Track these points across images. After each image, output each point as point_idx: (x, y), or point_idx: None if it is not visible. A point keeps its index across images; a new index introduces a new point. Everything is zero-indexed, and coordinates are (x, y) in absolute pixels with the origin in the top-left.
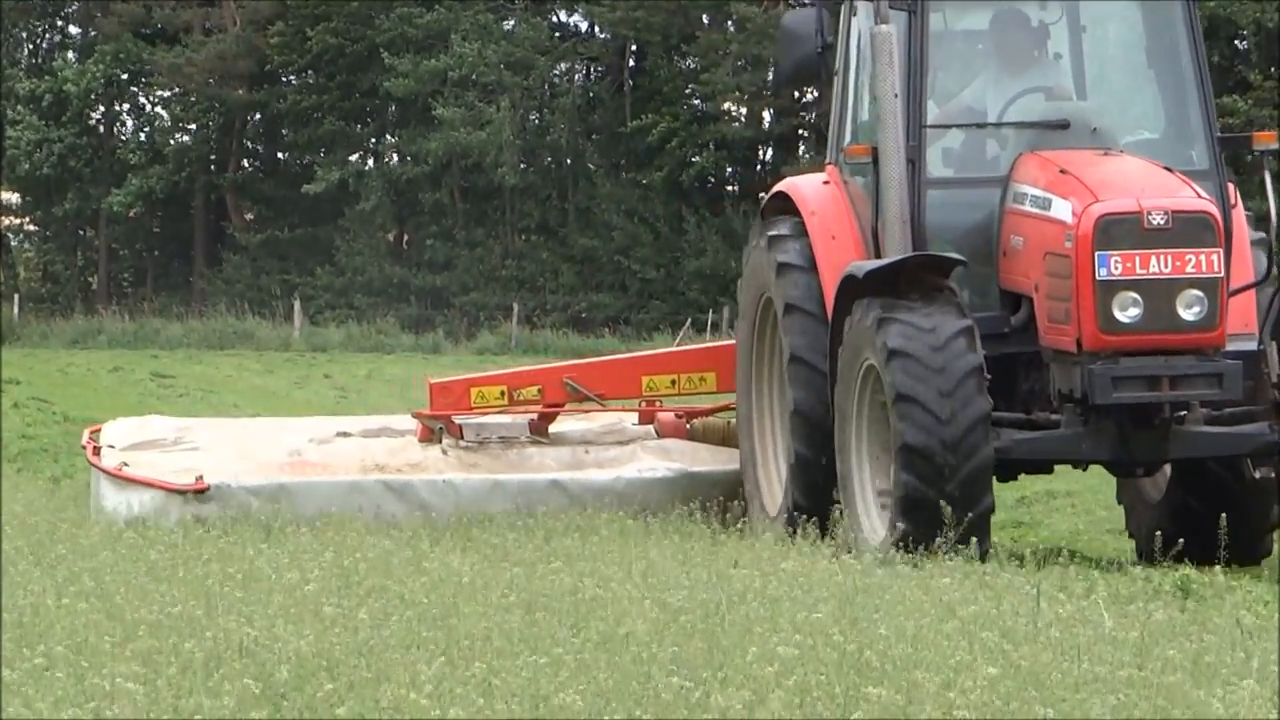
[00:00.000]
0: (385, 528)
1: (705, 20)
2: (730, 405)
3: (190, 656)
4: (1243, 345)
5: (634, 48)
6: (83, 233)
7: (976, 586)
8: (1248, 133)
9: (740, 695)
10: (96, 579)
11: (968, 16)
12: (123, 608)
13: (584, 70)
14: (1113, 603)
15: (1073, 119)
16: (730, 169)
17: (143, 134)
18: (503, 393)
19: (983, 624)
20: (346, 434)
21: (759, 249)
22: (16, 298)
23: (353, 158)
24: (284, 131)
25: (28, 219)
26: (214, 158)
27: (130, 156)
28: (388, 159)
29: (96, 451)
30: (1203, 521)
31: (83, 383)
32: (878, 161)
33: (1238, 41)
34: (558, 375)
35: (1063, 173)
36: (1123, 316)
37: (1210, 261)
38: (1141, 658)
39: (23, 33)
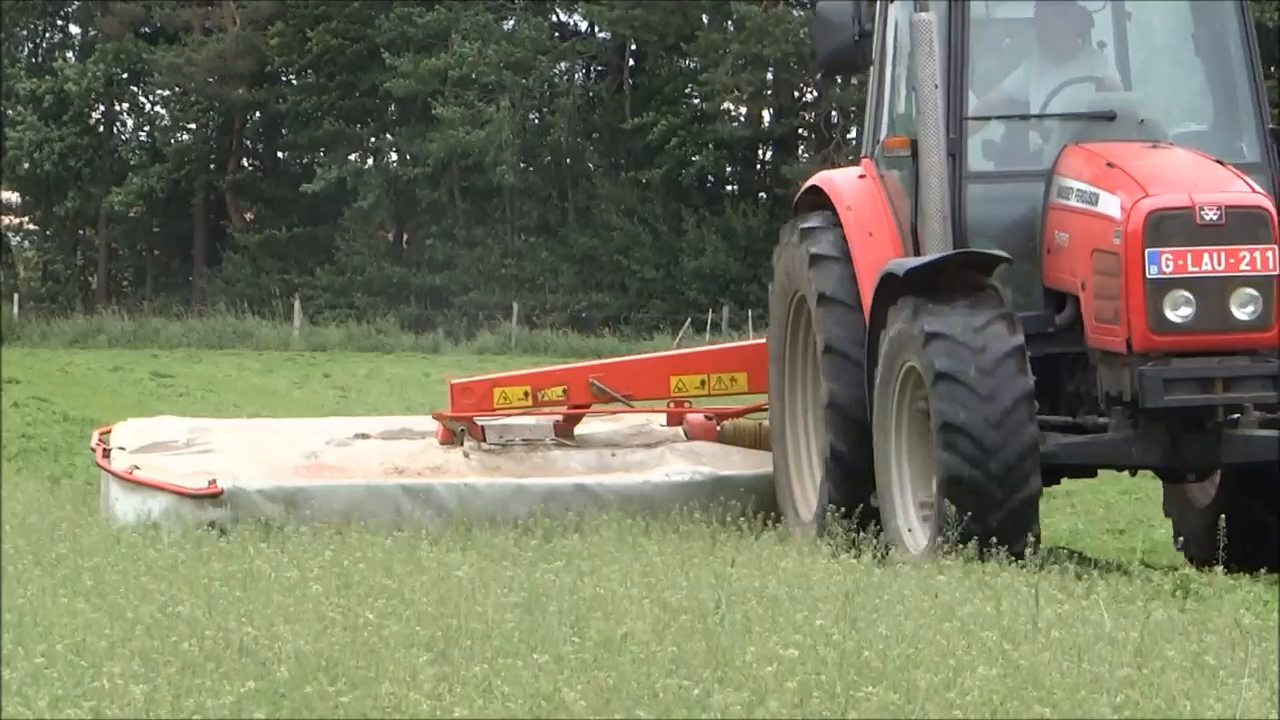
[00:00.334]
0: (386, 527)
1: (705, 20)
2: (762, 407)
3: (190, 656)
4: None
5: (634, 47)
6: (83, 232)
7: (976, 586)
8: None
9: (739, 695)
10: (96, 578)
11: (1009, 3)
12: (122, 607)
13: (584, 70)
14: (1112, 603)
15: (1119, 110)
16: (730, 168)
17: (143, 133)
18: (526, 393)
19: (982, 624)
20: (365, 436)
21: (790, 245)
22: (16, 297)
23: (352, 157)
24: (284, 131)
25: (28, 218)
26: (214, 157)
27: (130, 156)
28: (387, 158)
29: (106, 454)
30: (1257, 526)
31: (83, 382)
32: (917, 155)
33: None
34: (583, 375)
35: (1110, 166)
36: (1174, 316)
37: (1265, 258)
38: (1141, 658)
39: (23, 32)
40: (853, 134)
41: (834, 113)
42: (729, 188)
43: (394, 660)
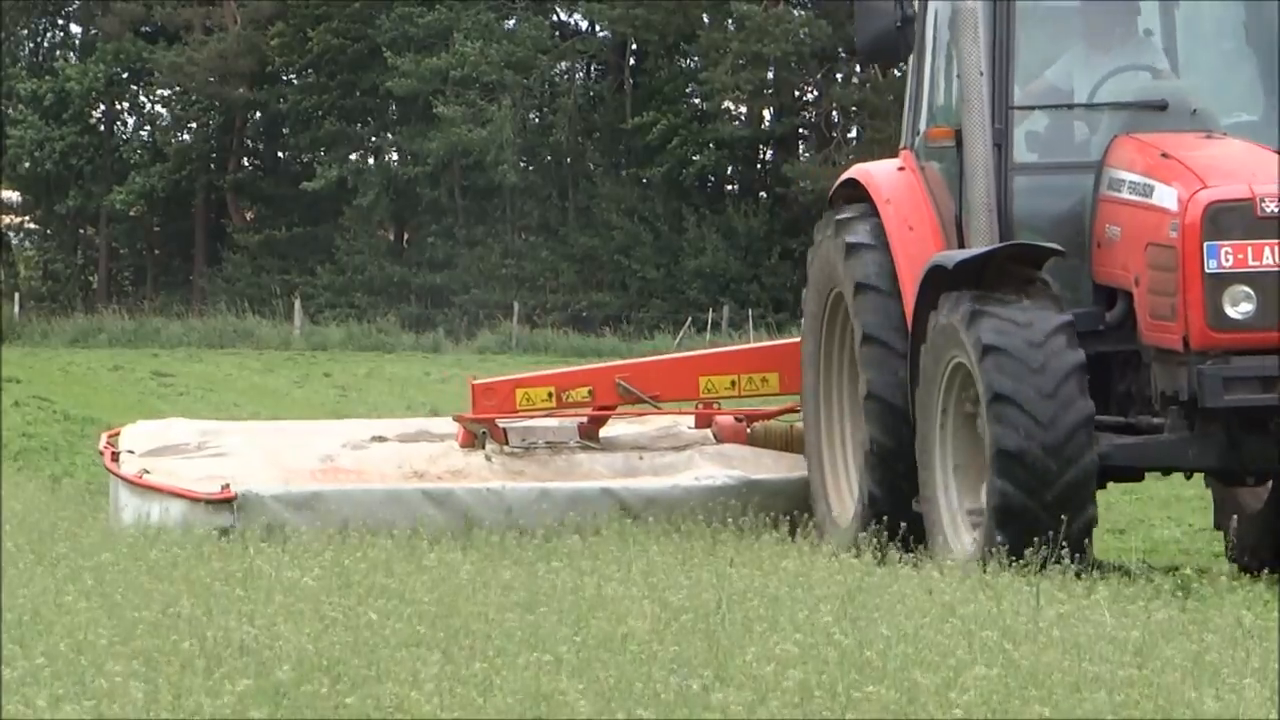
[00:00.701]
0: (386, 526)
1: (705, 19)
2: (793, 408)
3: (190, 655)
4: None
5: (634, 46)
6: (83, 231)
7: (977, 586)
8: None
9: (740, 694)
10: (96, 577)
11: None
12: (122, 606)
13: (584, 69)
14: (1113, 602)
15: (1171, 99)
16: (730, 168)
17: (143, 133)
18: (550, 394)
19: (983, 623)
20: (382, 438)
21: (826, 238)
22: (17, 296)
23: (353, 156)
24: (284, 131)
25: (29, 218)
26: (214, 156)
27: (131, 155)
28: (388, 157)
29: (115, 457)
30: None
31: (83, 381)
32: (961, 145)
33: None
34: (609, 375)
35: (1165, 157)
36: (1234, 312)
37: None
38: (1142, 657)
39: (24, 31)
40: (853, 133)
41: (834, 112)
42: (729, 187)
43: (395, 659)
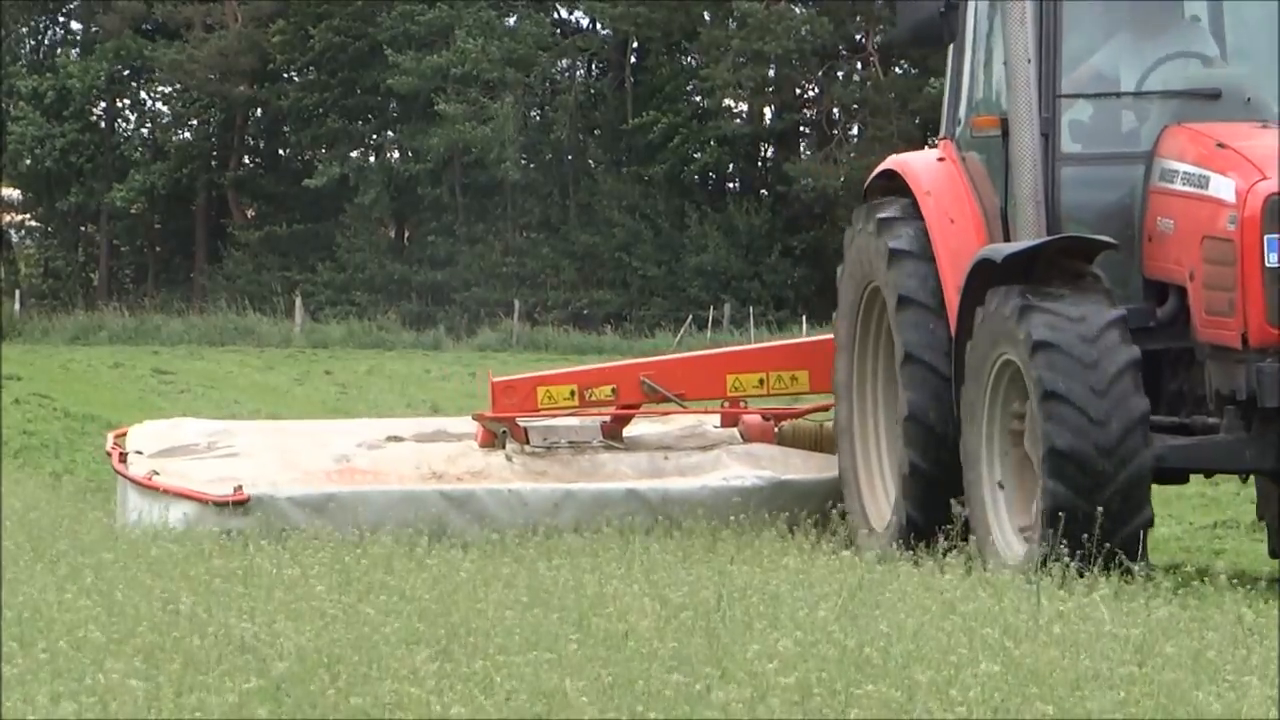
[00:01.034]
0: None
1: (706, 16)
2: (822, 406)
3: (191, 652)
4: None
5: (635, 44)
6: (84, 229)
7: (977, 583)
8: None
9: (741, 692)
10: (97, 574)
11: None
12: (123, 604)
13: (585, 67)
14: (1113, 600)
15: (1224, 88)
16: (731, 165)
17: (144, 130)
18: (573, 392)
19: (983, 621)
20: (398, 438)
21: (864, 233)
22: (18, 293)
23: (354, 154)
24: (285, 128)
25: (29, 215)
26: (215, 154)
27: (132, 153)
28: (389, 155)
29: (123, 458)
30: None
31: (84, 379)
32: (1007, 134)
33: None
34: (634, 373)
35: (1221, 147)
36: None
37: None
38: (1142, 655)
39: (24, 29)
40: (854, 130)
41: (835, 110)
42: (730, 185)
43: (395, 657)
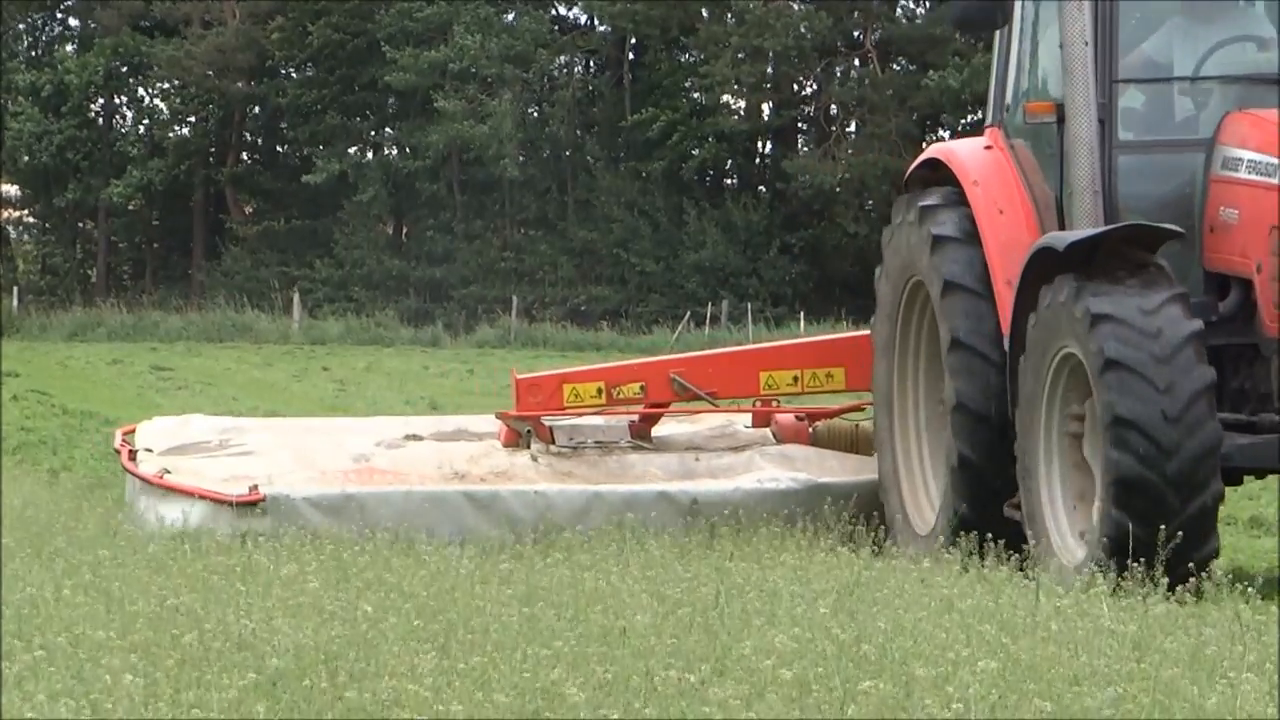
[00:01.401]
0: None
1: (705, 13)
2: (858, 405)
3: (189, 649)
4: None
5: (634, 40)
6: (82, 225)
7: (975, 580)
8: None
9: (738, 688)
10: (95, 571)
11: None
12: (121, 600)
13: (584, 63)
14: (1111, 596)
15: None
16: (730, 161)
17: (142, 126)
18: (600, 390)
19: (981, 617)
20: (417, 437)
21: (906, 225)
22: (16, 290)
23: (352, 150)
24: (284, 125)
25: (27, 211)
26: (213, 151)
27: (130, 149)
28: (387, 152)
29: (132, 456)
30: None
31: (82, 375)
32: (1063, 120)
33: None
34: (663, 370)
35: None
36: None
37: None
38: (1140, 651)
39: (22, 25)
40: (852, 127)
41: (833, 106)
42: (729, 181)
43: (393, 654)
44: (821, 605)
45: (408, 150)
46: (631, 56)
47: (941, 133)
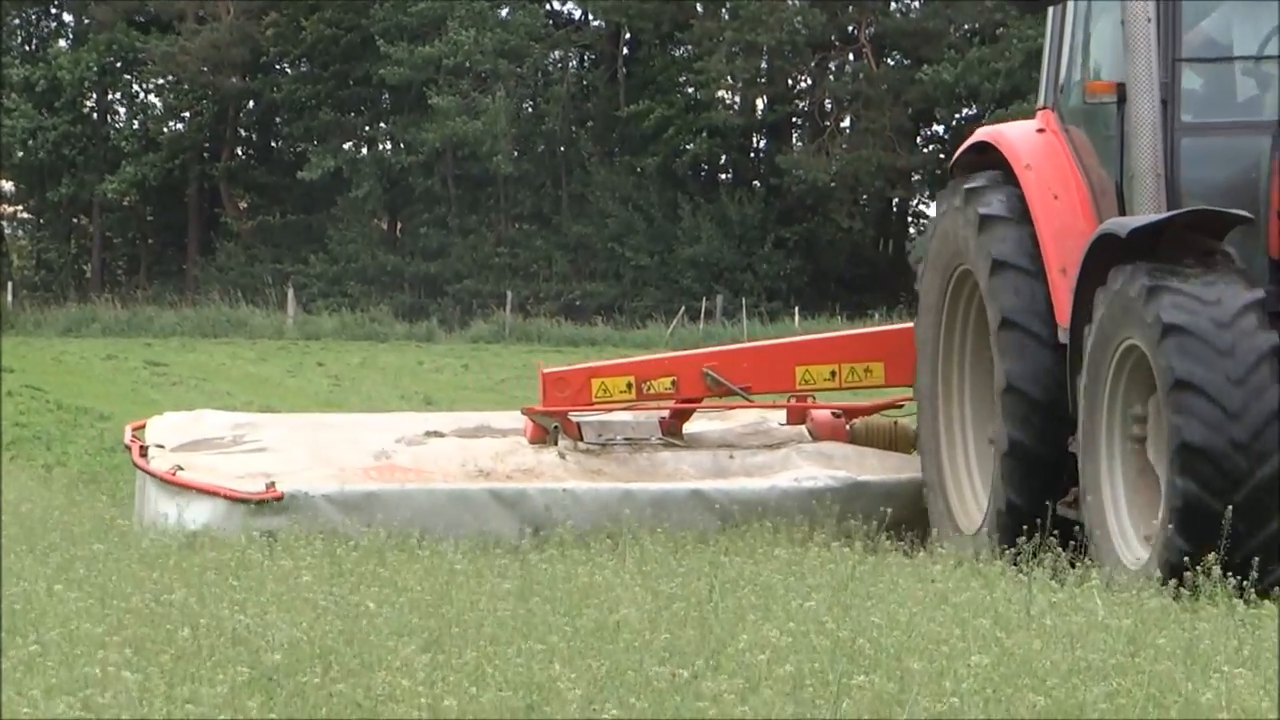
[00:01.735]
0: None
1: (699, 8)
2: (895, 402)
3: (183, 644)
4: None
5: (628, 35)
6: (76, 220)
7: (969, 574)
8: None
9: (733, 682)
10: (89, 566)
11: None
12: (115, 595)
13: (578, 58)
14: (1105, 591)
15: None
16: (724, 156)
17: (136, 122)
18: (629, 385)
19: (975, 611)
20: (438, 434)
21: (951, 211)
22: (10, 285)
23: (346, 146)
24: (278, 120)
25: (21, 207)
26: (208, 146)
27: (124, 144)
28: (382, 147)
29: (143, 452)
30: None
31: (76, 371)
32: (1124, 101)
33: None
34: (695, 364)
35: None
36: None
37: None
38: (1134, 645)
39: (16, 20)
40: (846, 122)
41: (828, 101)
42: (723, 176)
43: (387, 648)
44: (816, 600)
45: (402, 145)
46: (626, 51)
47: (936, 127)
